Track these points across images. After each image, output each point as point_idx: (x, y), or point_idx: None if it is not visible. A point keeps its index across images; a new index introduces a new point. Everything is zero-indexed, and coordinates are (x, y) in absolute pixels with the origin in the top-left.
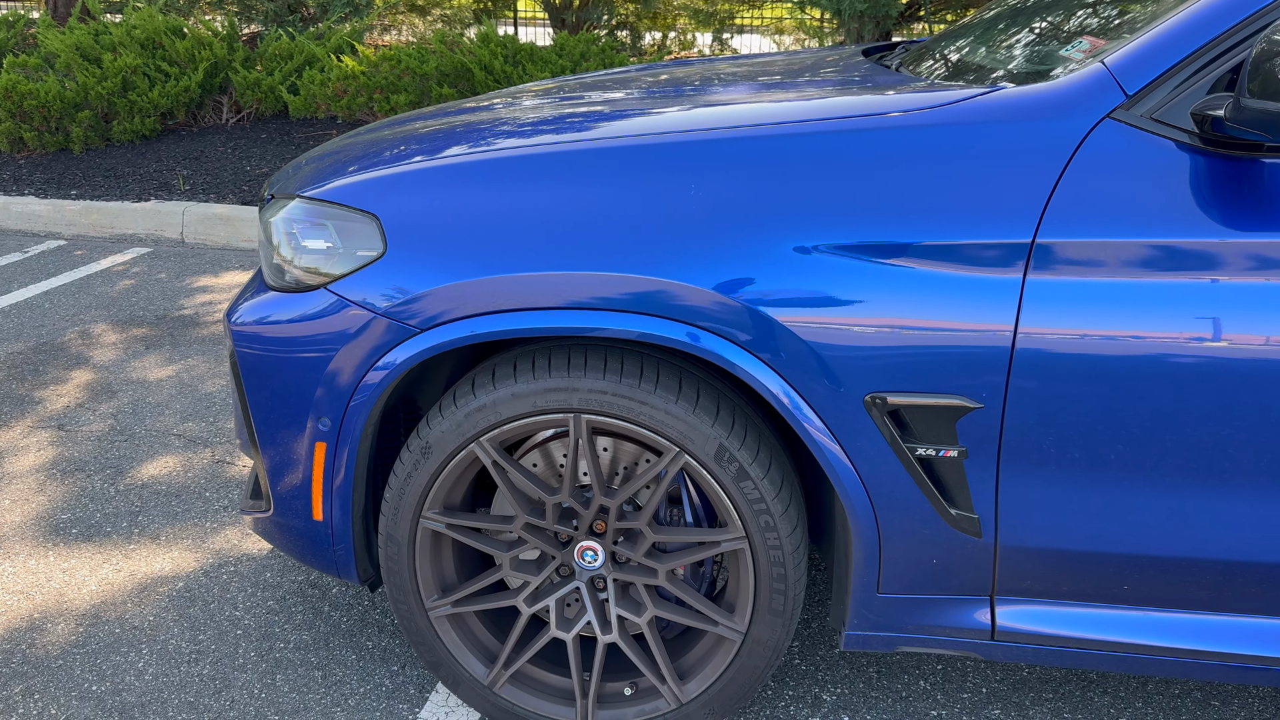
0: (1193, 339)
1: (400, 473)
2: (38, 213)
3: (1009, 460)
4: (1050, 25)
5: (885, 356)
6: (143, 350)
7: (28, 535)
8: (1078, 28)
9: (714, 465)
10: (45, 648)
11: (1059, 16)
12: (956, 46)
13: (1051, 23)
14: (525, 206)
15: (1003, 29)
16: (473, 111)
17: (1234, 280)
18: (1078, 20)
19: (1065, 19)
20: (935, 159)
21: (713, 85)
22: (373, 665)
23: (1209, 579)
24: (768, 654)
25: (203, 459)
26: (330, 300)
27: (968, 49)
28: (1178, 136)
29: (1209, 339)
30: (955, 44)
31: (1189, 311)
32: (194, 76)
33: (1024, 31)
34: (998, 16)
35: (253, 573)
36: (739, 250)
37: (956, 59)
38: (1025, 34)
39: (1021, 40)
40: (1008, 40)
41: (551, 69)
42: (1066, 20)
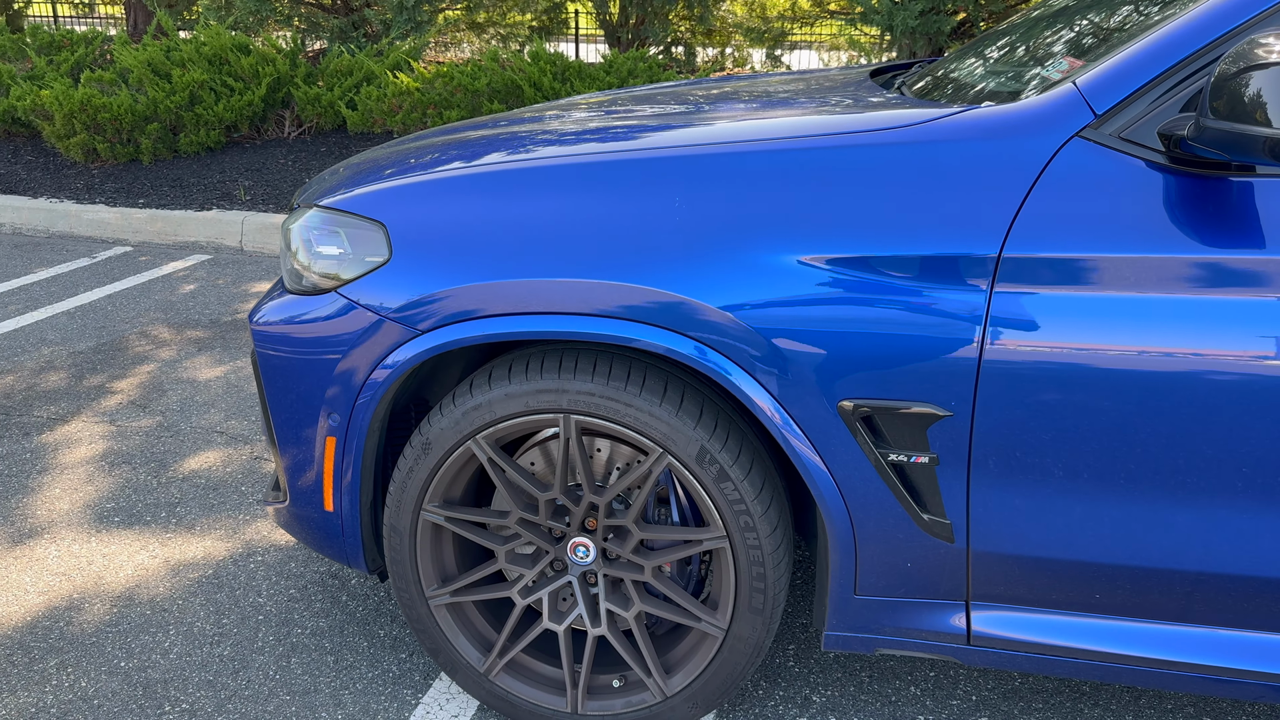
0: (1156, 352)
1: (403, 467)
2: (107, 220)
3: (979, 467)
4: (1044, 46)
5: (858, 364)
6: (195, 351)
7: (74, 522)
8: (1064, 49)
9: (695, 466)
10: (81, 626)
11: (1055, 38)
12: (954, 67)
13: (1045, 44)
14: (514, 217)
15: (999, 51)
16: (486, 127)
17: (1199, 295)
18: (1070, 42)
19: (1057, 41)
20: (906, 175)
21: (712, 104)
22: (382, 652)
23: (1178, 590)
24: (749, 651)
25: (242, 455)
26: (341, 303)
27: (963, 69)
28: (1146, 155)
29: (1173, 352)
30: (953, 65)
31: (1153, 325)
32: (257, 91)
33: (1018, 52)
34: (996, 37)
35: (278, 562)
36: (718, 261)
37: (949, 79)
38: (1018, 55)
39: (1013, 61)
40: (1001, 61)
41: (599, 86)
42: (1057, 42)
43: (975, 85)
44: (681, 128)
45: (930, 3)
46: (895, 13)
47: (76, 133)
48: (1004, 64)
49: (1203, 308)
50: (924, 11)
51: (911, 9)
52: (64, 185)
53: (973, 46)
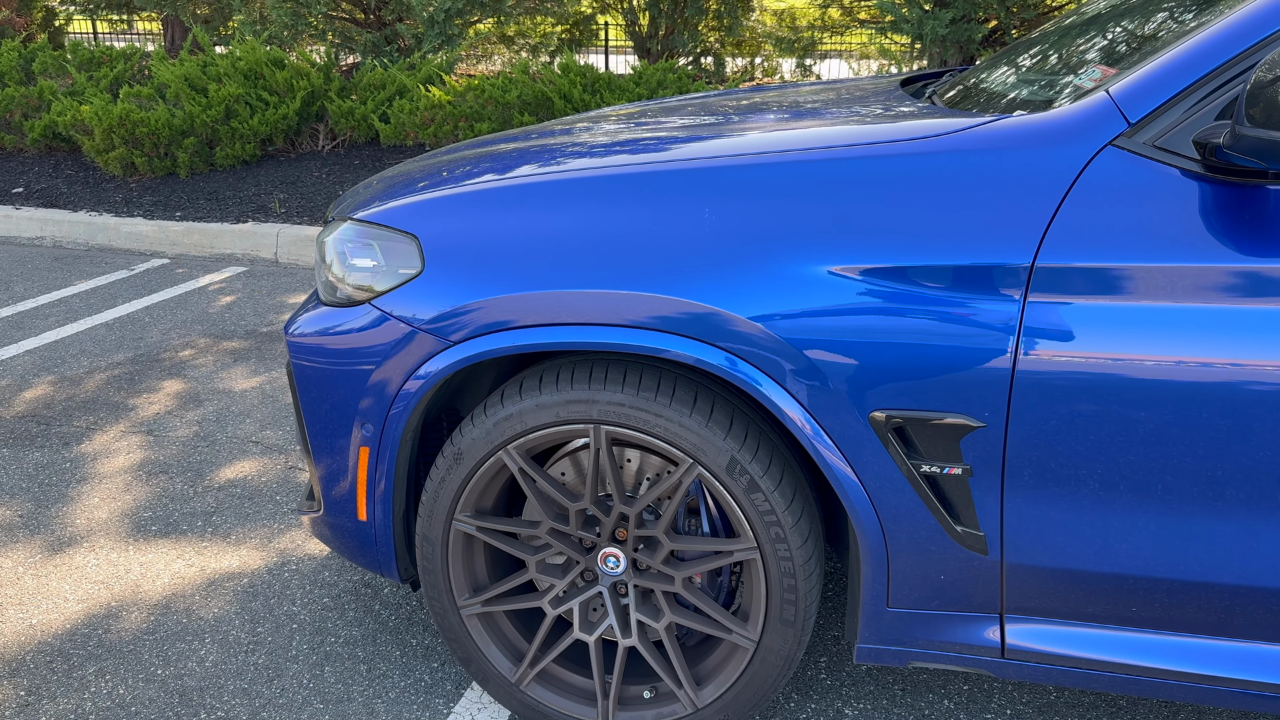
0: (1192, 362)
1: (435, 477)
2: (144, 233)
3: (1013, 479)
4: (1075, 55)
5: (890, 375)
6: (231, 362)
7: (112, 531)
8: (1097, 57)
9: (726, 477)
10: (119, 633)
11: (1086, 46)
12: (985, 76)
13: (1077, 52)
14: (549, 228)
15: (1030, 59)
16: (517, 139)
17: (1235, 305)
18: (1100, 50)
19: (1090, 49)
20: (938, 185)
21: (744, 115)
22: (414, 661)
23: (1216, 603)
24: (780, 663)
25: (277, 465)
26: (375, 315)
27: (995, 78)
28: (1181, 164)
29: (1209, 362)
30: (984, 74)
31: (1188, 335)
32: (292, 105)
33: (1049, 61)
34: (1027, 45)
35: (312, 571)
36: (750, 272)
37: (980, 88)
38: (1050, 63)
39: (1044, 69)
40: (1033, 70)
41: (629, 97)
42: (1089, 50)
43: (1007, 94)
44: (711, 139)
45: (961, 10)
46: (926, 21)
47: (115, 147)
48: (1035, 72)
49: (1240, 317)
50: (954, 20)
51: (942, 17)
52: (103, 199)
53: (1004, 55)
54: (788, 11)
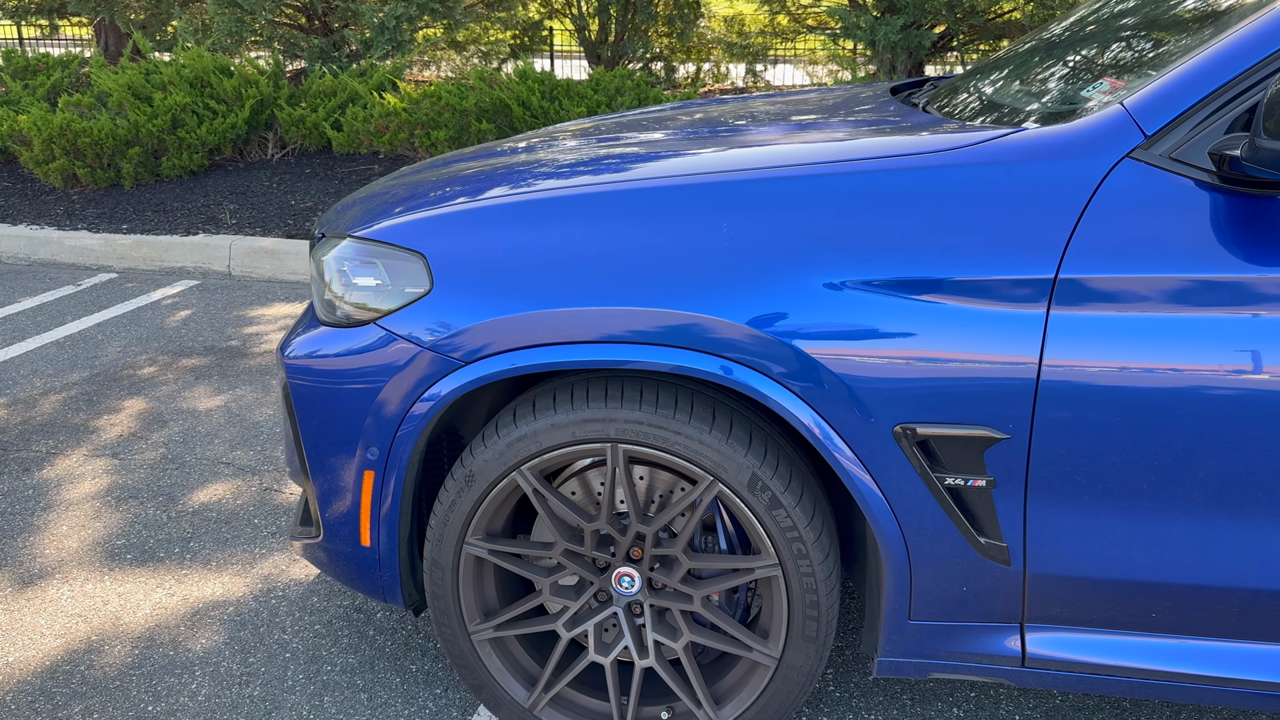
0: (1211, 371)
1: (445, 500)
2: (90, 246)
3: (1036, 489)
4: (1071, 66)
5: (914, 389)
6: (193, 381)
7: (85, 560)
8: (1097, 69)
9: (747, 494)
10: (103, 669)
11: (1079, 58)
12: (981, 86)
13: (1073, 63)
14: (564, 245)
15: (1025, 69)
16: (512, 153)
17: (1252, 314)
18: (1096, 61)
19: (1085, 60)
20: (961, 198)
21: (746, 125)
22: (416, 688)
23: (1236, 606)
24: (802, 680)
25: (251, 487)
26: (379, 335)
27: (992, 89)
28: (1196, 175)
29: (1227, 370)
30: (979, 83)
31: (1208, 344)
32: (240, 114)
33: (1046, 72)
34: (1021, 56)
35: (300, 597)
36: (772, 286)
37: (982, 99)
38: (1047, 74)
39: (1044, 80)
40: (1030, 80)
41: (587, 104)
42: (1086, 61)
43: (1013, 106)
44: (725, 151)
45: (911, 17)
46: (878, 28)
47: (55, 158)
48: (1038, 83)
49: (1259, 326)
50: (905, 26)
51: (894, 24)
52: (44, 212)
53: (995, 64)
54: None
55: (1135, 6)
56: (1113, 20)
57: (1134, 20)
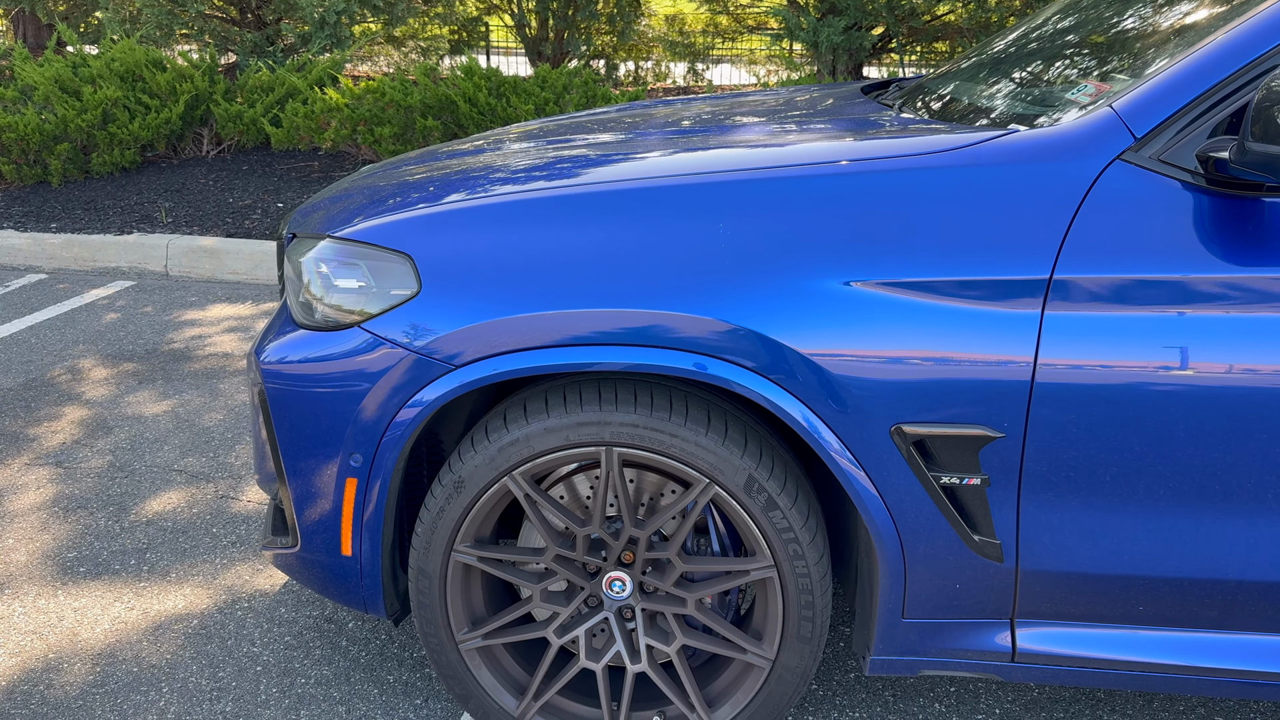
0: (1200, 368)
1: (432, 507)
2: (17, 246)
3: (1030, 487)
4: (1052, 67)
5: (910, 389)
6: (135, 385)
7: (35, 575)
8: (1079, 70)
9: (743, 495)
10: (64, 688)
11: (1053, 60)
12: (955, 89)
13: (1053, 65)
14: (554, 246)
15: (997, 73)
16: (487, 152)
17: (1238, 313)
18: (1077, 63)
19: (1059, 62)
20: (956, 198)
21: (730, 124)
22: (396, 699)
23: (1219, 598)
24: (796, 680)
25: (206, 494)
26: (364, 338)
27: (967, 91)
28: (1183, 177)
29: (1215, 368)
30: (950, 86)
31: (1197, 342)
32: (175, 109)
33: (1024, 73)
34: (994, 57)
35: (267, 608)
36: (769, 288)
37: (958, 101)
38: (1026, 75)
39: (1014, 82)
40: (1001, 83)
41: (535, 101)
42: (1067, 62)
43: (993, 107)
44: (716, 151)
45: (852, 19)
46: (820, 29)
47: None
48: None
49: (1246, 325)
50: (847, 28)
51: (836, 25)
52: None
53: (967, 66)
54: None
55: (1109, 7)
56: (1090, 22)
57: (1112, 21)
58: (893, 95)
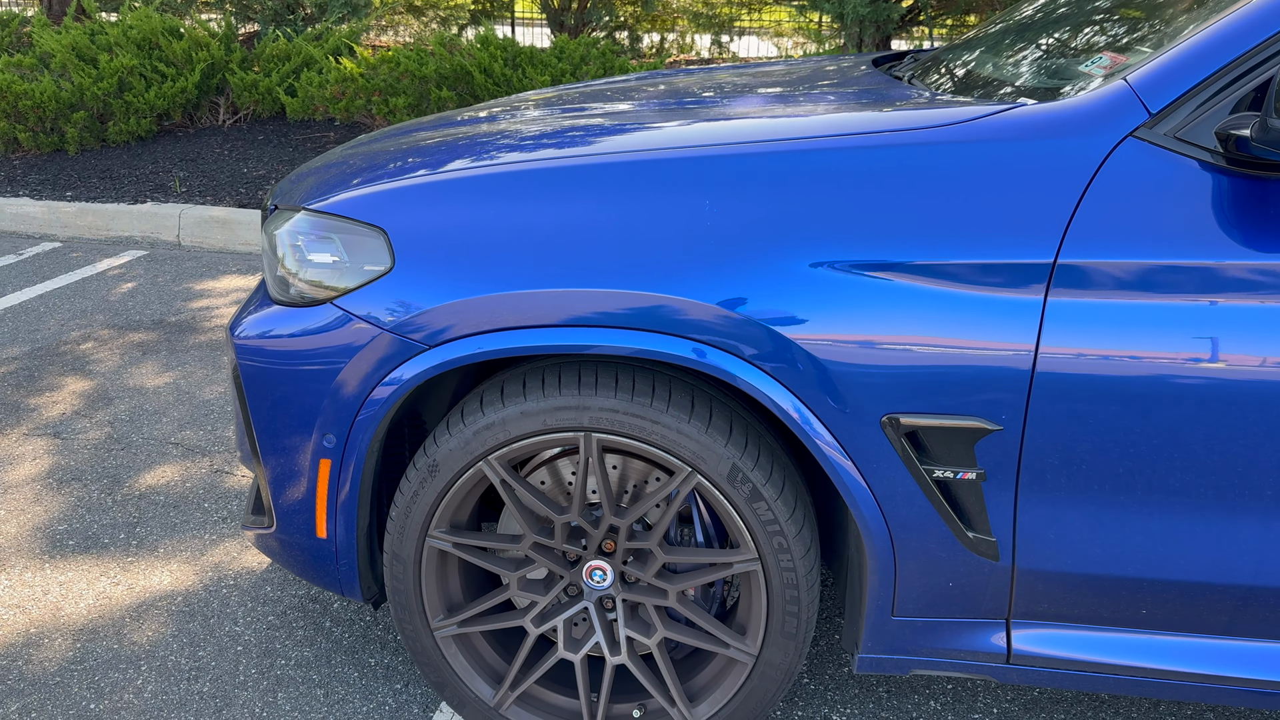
0: (1213, 361)
1: (406, 491)
2: (32, 214)
3: (1028, 483)
4: (1065, 39)
5: (903, 377)
6: (140, 356)
7: (24, 547)
8: (1092, 42)
9: (727, 485)
10: (42, 664)
11: (1073, 30)
12: (969, 60)
13: (1066, 36)
14: (537, 221)
15: (1015, 43)
16: (475, 123)
17: (1259, 303)
18: (1091, 34)
19: (1078, 32)
20: (955, 176)
21: (724, 96)
22: (375, 683)
23: (1228, 603)
24: (780, 677)
25: (201, 468)
26: (336, 315)
27: (979, 63)
28: (1201, 156)
29: (1230, 361)
30: (967, 57)
31: (1210, 333)
32: (191, 78)
33: (1038, 46)
34: (1008, 30)
35: (253, 587)
36: (755, 268)
37: (971, 73)
38: (1039, 48)
39: (1036, 55)
40: (1022, 54)
41: (551, 72)
42: (1080, 34)
43: (1005, 80)
44: (706, 124)
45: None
46: (846, 1)
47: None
48: (1034, 57)
49: (1265, 315)
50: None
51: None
52: None
53: (982, 37)
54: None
55: None
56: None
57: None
58: (906, 68)
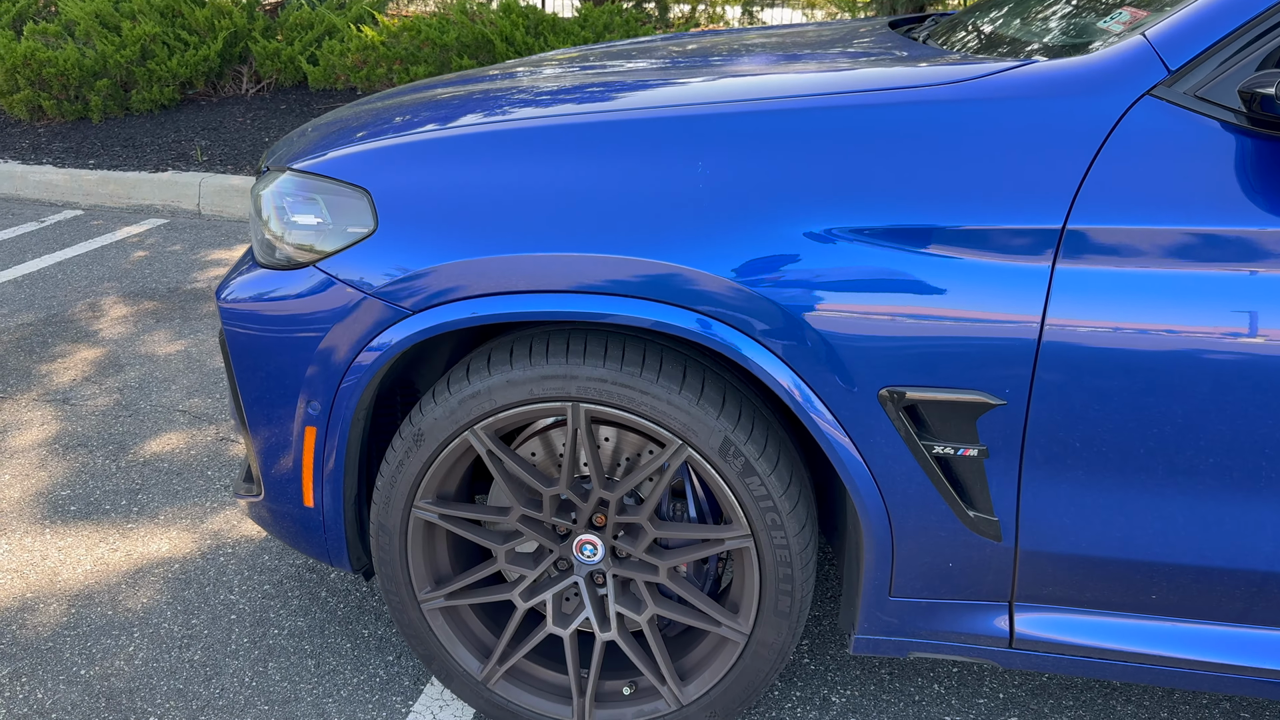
0: (1233, 334)
1: (392, 460)
2: (55, 182)
3: (1032, 461)
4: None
5: (902, 348)
6: (152, 324)
7: (26, 512)
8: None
9: (718, 459)
10: (36, 629)
11: None
12: (989, 18)
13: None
14: (526, 182)
15: (1036, 1)
16: (477, 81)
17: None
18: None
19: None
20: (959, 137)
21: (729, 57)
22: (367, 655)
23: (1244, 590)
24: (773, 657)
25: (206, 436)
26: (320, 279)
27: (1001, 21)
28: (1223, 116)
29: (1251, 335)
30: (988, 15)
31: (1230, 305)
32: (213, 46)
33: (1060, 3)
34: None
35: (250, 555)
36: (745, 233)
37: (988, 31)
38: (1063, 5)
39: (1059, 11)
40: (1044, 12)
41: (574, 40)
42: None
43: (1022, 38)
44: (701, 82)
45: None
46: None
47: (20, 89)
48: (1054, 13)
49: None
50: None
51: None
52: (8, 145)
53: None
54: None
55: None
56: None
57: None
58: (925, 29)
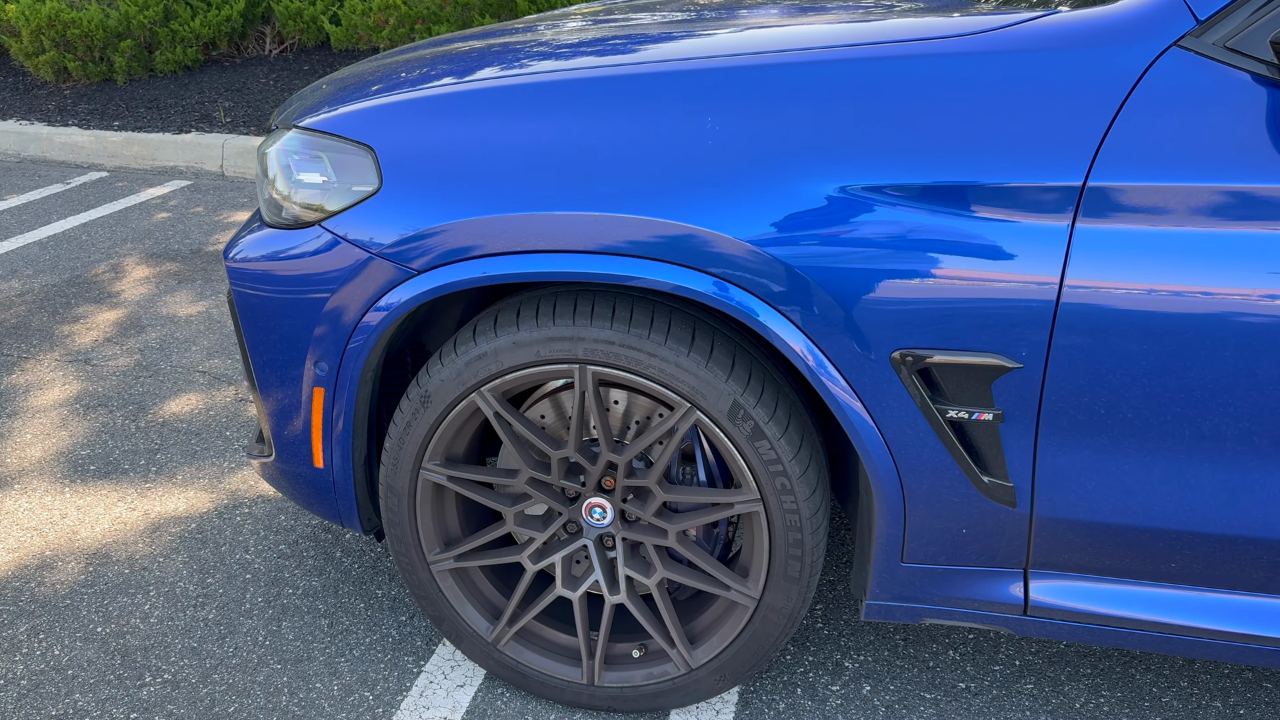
0: (1259, 296)
1: (400, 422)
2: (81, 144)
3: (1049, 425)
4: None
5: (916, 310)
6: (174, 285)
7: (46, 471)
8: None
9: (727, 423)
10: (54, 586)
11: None
12: None
13: None
14: (524, 140)
15: None
16: (498, 35)
17: None
18: None
19: None
20: (976, 91)
21: (755, 8)
22: (380, 615)
23: (1268, 559)
24: (783, 622)
25: (225, 397)
26: (326, 238)
27: None
28: (1255, 68)
29: (1273, 297)
30: None
31: (1257, 266)
32: (235, 5)
33: None
34: None
35: (266, 515)
36: (754, 191)
37: None
38: None
39: None
40: None
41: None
42: None
43: None
44: (712, 35)
45: None
46: None
47: (45, 50)
48: None
49: None
50: None
51: None
52: (34, 106)
53: None
54: None
55: None
56: None
57: None
58: None
